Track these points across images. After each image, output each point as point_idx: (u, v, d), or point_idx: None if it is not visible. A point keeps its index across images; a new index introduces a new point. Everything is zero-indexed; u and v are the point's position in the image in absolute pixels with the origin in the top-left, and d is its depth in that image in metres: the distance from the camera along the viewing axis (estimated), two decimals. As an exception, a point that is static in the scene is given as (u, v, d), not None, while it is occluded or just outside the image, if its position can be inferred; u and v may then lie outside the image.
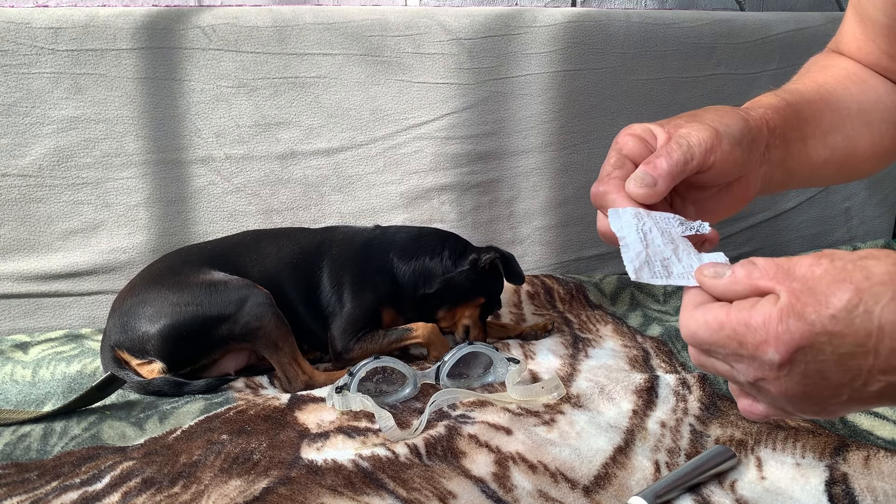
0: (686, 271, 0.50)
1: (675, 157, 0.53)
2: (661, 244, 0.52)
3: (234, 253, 1.24)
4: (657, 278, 0.50)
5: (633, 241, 0.52)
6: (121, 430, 0.95)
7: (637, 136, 0.57)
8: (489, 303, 1.29)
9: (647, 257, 0.51)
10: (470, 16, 1.55)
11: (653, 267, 0.51)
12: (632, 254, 0.51)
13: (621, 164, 0.56)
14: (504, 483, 0.76)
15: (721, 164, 0.55)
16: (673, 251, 0.51)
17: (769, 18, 1.76)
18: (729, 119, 0.57)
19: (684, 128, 0.55)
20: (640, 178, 0.53)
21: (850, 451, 0.79)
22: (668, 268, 0.51)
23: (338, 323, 1.22)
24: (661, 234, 0.52)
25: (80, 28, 1.38)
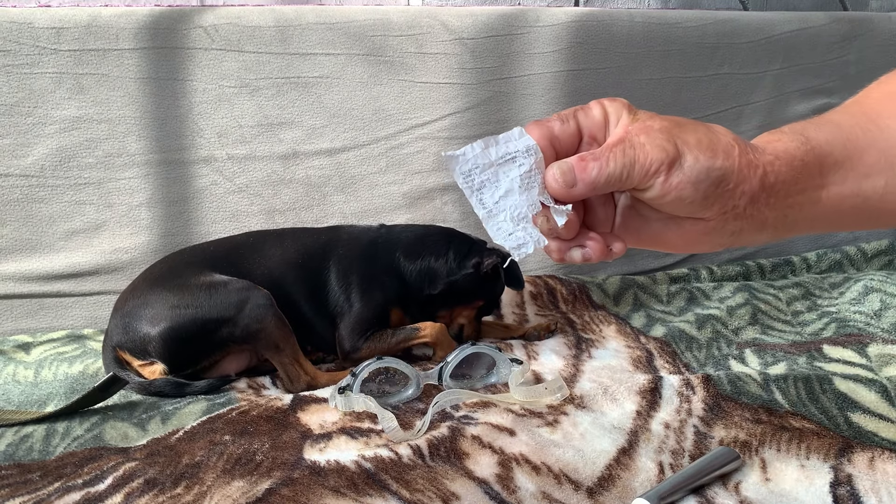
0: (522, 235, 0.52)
1: (608, 170, 0.49)
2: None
3: (237, 254, 1.24)
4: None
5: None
6: (123, 431, 0.95)
7: (603, 112, 0.52)
8: (487, 305, 1.29)
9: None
10: (473, 15, 1.54)
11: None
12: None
13: (566, 120, 0.53)
14: (507, 484, 0.75)
15: (664, 195, 0.49)
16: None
17: (773, 18, 1.76)
18: (709, 152, 0.49)
19: (650, 135, 0.49)
20: (563, 172, 0.50)
21: (855, 453, 0.79)
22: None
23: (346, 322, 1.22)
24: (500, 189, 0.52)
25: (83, 28, 1.38)
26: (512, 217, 0.52)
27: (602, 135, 0.52)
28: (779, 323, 1.33)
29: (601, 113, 0.52)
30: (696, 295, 1.49)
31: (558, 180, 0.50)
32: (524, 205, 0.51)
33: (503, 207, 0.52)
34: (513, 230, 0.52)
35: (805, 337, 1.24)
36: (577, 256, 0.53)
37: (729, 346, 1.20)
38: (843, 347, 1.12)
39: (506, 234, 0.52)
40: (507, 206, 0.52)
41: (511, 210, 0.51)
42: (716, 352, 1.18)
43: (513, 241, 0.52)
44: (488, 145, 0.51)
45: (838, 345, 1.14)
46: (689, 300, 1.46)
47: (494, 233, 0.52)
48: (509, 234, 0.52)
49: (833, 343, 1.15)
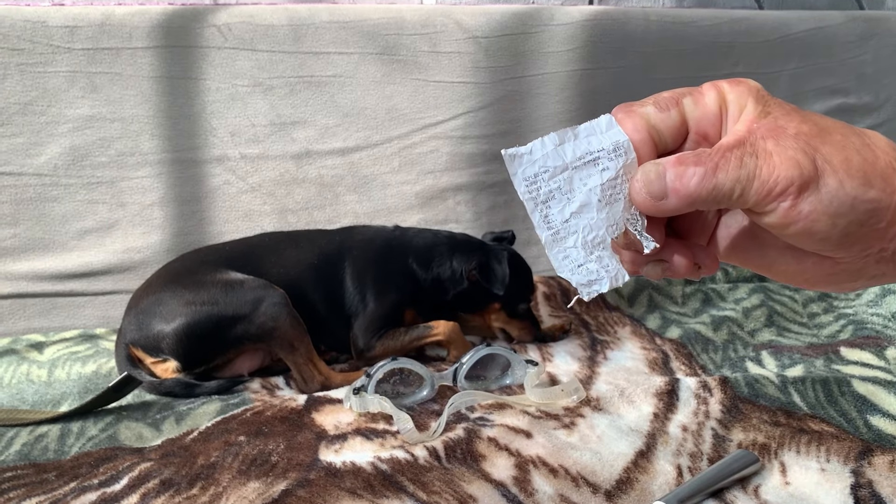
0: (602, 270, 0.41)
1: (714, 181, 0.36)
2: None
3: (253, 254, 1.24)
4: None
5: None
6: (138, 431, 0.94)
7: (719, 98, 0.39)
8: (506, 305, 1.28)
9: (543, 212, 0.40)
10: (486, 14, 1.54)
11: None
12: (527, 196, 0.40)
13: (666, 107, 0.40)
14: (525, 487, 0.75)
15: (787, 224, 0.37)
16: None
17: (788, 17, 1.75)
18: (860, 177, 0.36)
19: (781, 141, 0.36)
20: (650, 178, 0.38)
21: (875, 456, 0.78)
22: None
23: (360, 321, 1.22)
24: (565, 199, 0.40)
25: (96, 27, 1.38)
26: (584, 242, 0.40)
27: (716, 131, 0.40)
28: (795, 325, 1.32)
29: (716, 100, 0.39)
30: (712, 296, 1.48)
31: (642, 189, 0.38)
32: (602, 225, 0.40)
33: (575, 228, 0.40)
34: (584, 260, 0.41)
35: (822, 339, 1.23)
36: (656, 273, 0.42)
37: (745, 347, 1.19)
38: (860, 350, 1.11)
39: (574, 265, 0.41)
40: (580, 225, 0.40)
41: (585, 232, 0.40)
42: (732, 354, 1.17)
43: (582, 275, 0.41)
44: (563, 140, 0.39)
45: (856, 347, 1.13)
46: (704, 301, 1.46)
47: (559, 262, 0.41)
48: (579, 265, 0.41)
49: (850, 345, 1.14)
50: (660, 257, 0.42)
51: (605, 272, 0.41)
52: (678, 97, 0.40)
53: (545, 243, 0.40)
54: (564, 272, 0.41)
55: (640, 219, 0.39)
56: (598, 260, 0.41)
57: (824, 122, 0.37)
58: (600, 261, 0.41)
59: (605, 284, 0.41)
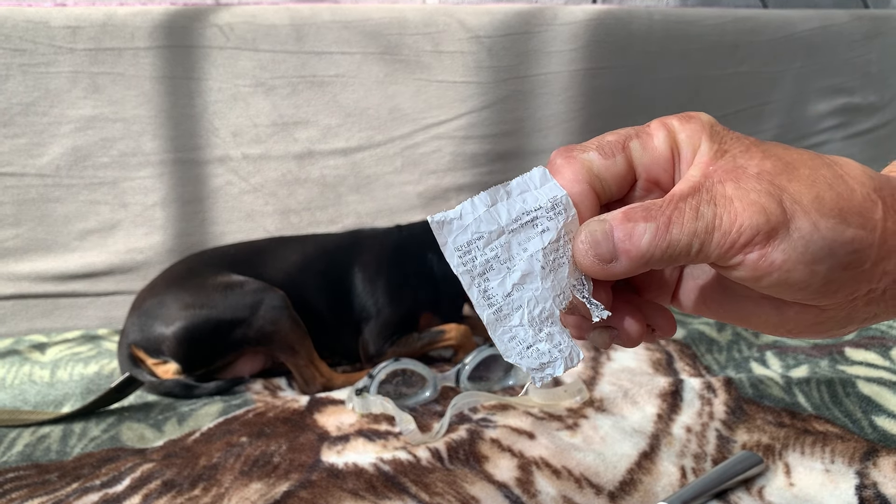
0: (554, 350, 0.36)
1: (668, 238, 0.32)
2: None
3: (258, 257, 1.24)
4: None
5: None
6: (140, 432, 0.94)
7: (669, 139, 0.35)
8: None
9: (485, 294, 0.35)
10: (489, 13, 1.54)
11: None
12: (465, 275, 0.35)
13: (610, 153, 0.35)
14: (528, 488, 0.75)
15: (759, 277, 0.33)
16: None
17: (793, 16, 1.74)
18: (836, 215, 0.31)
19: (741, 183, 0.32)
20: (597, 240, 0.33)
21: (881, 457, 0.78)
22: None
23: (371, 327, 1.21)
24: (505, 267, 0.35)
25: (98, 27, 1.38)
26: (531, 318, 0.35)
27: (668, 177, 0.36)
28: (799, 324, 1.31)
29: (667, 142, 0.35)
30: (715, 296, 1.47)
31: (588, 252, 0.33)
32: (549, 296, 0.35)
33: (519, 302, 0.35)
34: (533, 340, 0.35)
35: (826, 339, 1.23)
36: (604, 341, 0.38)
37: (749, 348, 1.19)
38: (865, 350, 1.11)
39: (522, 347, 0.35)
40: (524, 299, 0.35)
41: (530, 306, 0.35)
42: (736, 354, 1.16)
43: (532, 357, 0.35)
44: (496, 199, 0.34)
45: (861, 347, 1.12)
46: (707, 301, 1.45)
47: (506, 346, 0.35)
48: (527, 346, 0.35)
49: (855, 346, 1.13)
50: (607, 323, 0.37)
51: (559, 352, 0.36)
52: (625, 140, 0.35)
53: (487, 324, 0.35)
54: (512, 356, 0.35)
55: (585, 283, 0.35)
56: (549, 338, 0.35)
57: (789, 154, 0.34)
58: (551, 339, 0.35)
59: (559, 367, 0.36)
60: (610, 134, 0.36)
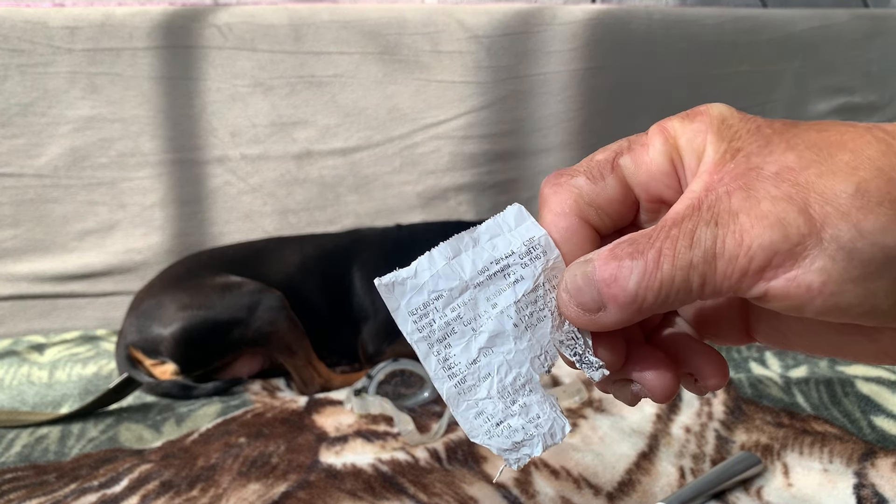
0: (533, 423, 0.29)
1: (658, 277, 0.25)
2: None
3: (257, 258, 1.23)
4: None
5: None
6: (138, 433, 0.94)
7: (668, 147, 0.28)
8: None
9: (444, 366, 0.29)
10: (488, 13, 1.53)
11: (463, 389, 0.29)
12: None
13: (598, 176, 0.29)
14: (526, 489, 0.74)
15: (793, 304, 0.25)
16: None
17: (793, 15, 1.74)
18: (876, 203, 0.23)
19: (752, 191, 0.24)
20: (578, 286, 0.27)
21: (878, 457, 0.78)
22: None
23: (370, 327, 1.21)
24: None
25: (96, 27, 1.38)
26: (502, 388, 0.29)
27: (673, 193, 0.29)
28: (799, 324, 1.31)
29: (664, 151, 0.28)
30: (714, 295, 1.47)
31: (570, 302, 0.27)
32: (525, 359, 0.29)
33: (487, 370, 0.29)
34: (504, 415, 0.29)
35: None
36: (626, 397, 0.30)
37: (749, 348, 1.19)
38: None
39: (490, 424, 0.29)
40: (493, 366, 0.29)
41: (501, 374, 0.29)
42: (735, 354, 1.16)
43: (504, 437, 0.29)
44: (459, 250, 0.29)
45: (860, 347, 1.12)
46: (706, 301, 1.45)
47: (471, 423, 0.29)
48: (497, 423, 0.29)
49: (855, 345, 1.13)
50: (624, 376, 0.30)
51: (535, 428, 0.29)
52: (614, 157, 0.29)
53: (447, 399, 0.28)
54: (479, 436, 0.29)
55: (579, 336, 0.29)
56: (524, 411, 0.29)
57: (826, 137, 0.25)
58: (526, 412, 0.29)
59: (536, 446, 0.29)
60: (600, 151, 0.30)
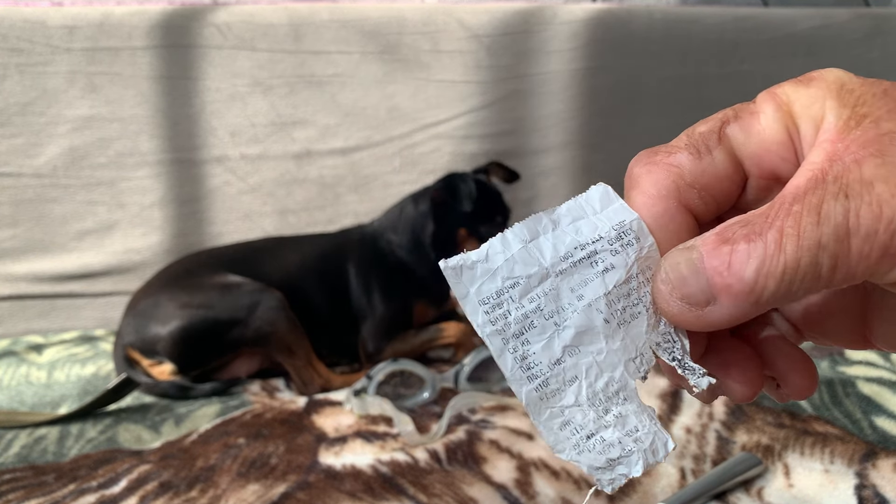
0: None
1: (784, 261, 0.21)
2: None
3: (255, 258, 1.23)
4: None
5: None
6: (136, 434, 0.94)
7: (783, 115, 0.24)
8: (473, 229, 1.23)
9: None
10: (489, 12, 1.53)
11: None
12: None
13: (703, 150, 0.25)
14: (526, 490, 0.74)
15: None
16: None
17: (794, 14, 1.74)
18: None
19: (886, 154, 0.21)
20: (682, 276, 0.23)
21: (880, 458, 0.78)
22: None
23: (369, 325, 1.21)
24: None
25: (95, 26, 1.38)
26: (593, 394, 0.24)
27: (789, 166, 0.24)
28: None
29: (778, 119, 0.25)
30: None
31: (670, 295, 0.23)
32: (619, 361, 0.25)
33: (573, 372, 0.24)
34: (595, 427, 0.24)
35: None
36: (702, 396, 0.26)
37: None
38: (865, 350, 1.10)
39: (579, 437, 0.24)
40: (581, 367, 0.24)
41: (591, 377, 0.24)
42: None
43: (594, 453, 0.24)
44: (537, 232, 0.25)
45: (861, 347, 1.12)
46: (707, 301, 1.45)
47: (556, 435, 0.24)
48: (588, 436, 0.24)
49: (856, 345, 1.13)
50: (707, 372, 0.26)
51: (634, 442, 0.24)
52: (720, 127, 0.25)
53: (527, 405, 0.24)
54: (566, 450, 0.24)
55: (676, 338, 0.25)
56: (620, 422, 0.25)
57: None
58: (622, 423, 0.25)
59: (636, 465, 0.25)
60: (701, 123, 0.26)
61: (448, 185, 1.20)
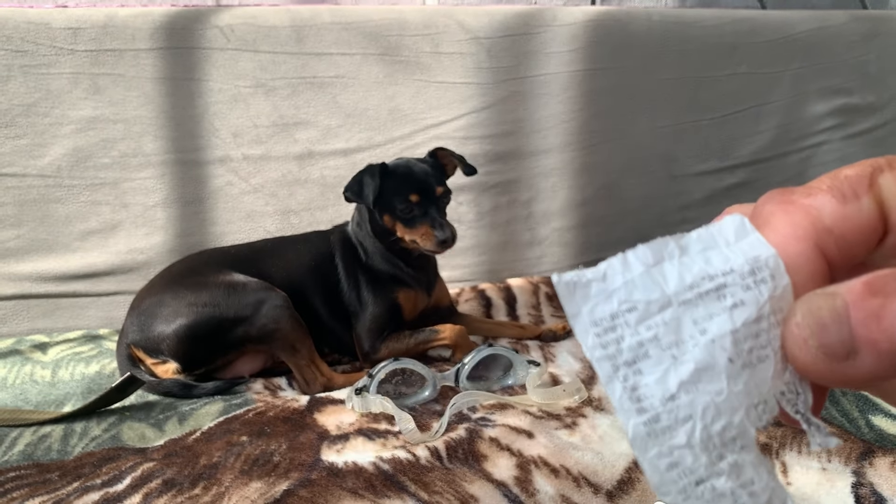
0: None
1: None
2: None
3: (257, 257, 1.24)
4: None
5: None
6: (140, 432, 0.95)
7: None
8: (393, 214, 1.21)
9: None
10: (489, 14, 1.54)
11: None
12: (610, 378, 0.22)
13: (851, 197, 0.23)
14: (526, 487, 0.75)
15: None
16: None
17: (791, 17, 1.74)
18: None
19: None
20: (823, 322, 0.21)
21: (877, 457, 0.78)
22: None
23: (361, 322, 1.22)
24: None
25: (99, 28, 1.38)
26: (707, 437, 0.22)
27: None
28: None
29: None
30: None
31: (807, 341, 0.21)
32: (741, 405, 0.22)
33: (688, 410, 0.22)
34: (706, 473, 0.22)
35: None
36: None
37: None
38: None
39: (686, 481, 0.22)
40: (697, 406, 0.22)
41: (708, 418, 0.22)
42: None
43: (704, 501, 0.22)
44: (662, 257, 0.23)
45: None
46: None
47: (661, 476, 0.22)
48: (696, 481, 0.22)
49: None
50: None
51: (749, 497, 0.22)
52: (872, 174, 0.23)
53: (633, 439, 0.22)
54: (671, 494, 0.22)
55: (801, 390, 0.23)
56: (735, 471, 0.22)
57: None
58: (737, 474, 0.22)
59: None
60: (849, 168, 0.24)
61: (352, 184, 1.20)
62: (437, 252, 1.20)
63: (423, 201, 1.19)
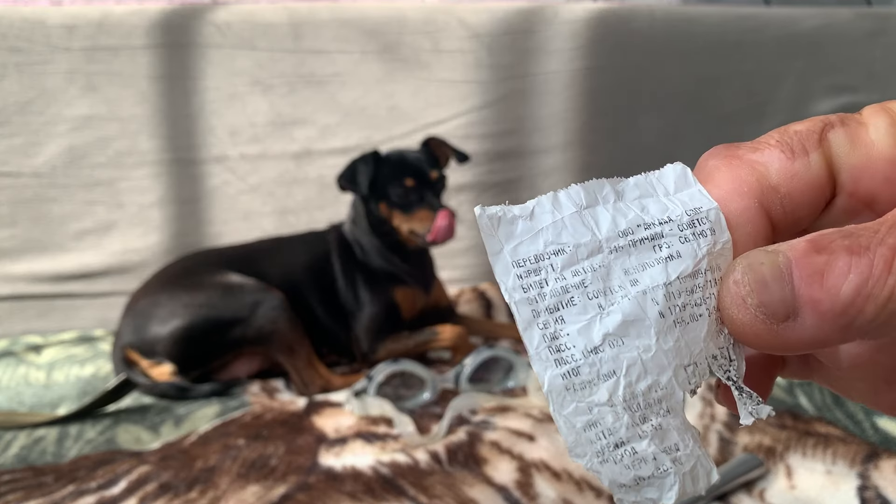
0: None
1: (892, 285, 0.17)
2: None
3: (253, 258, 1.23)
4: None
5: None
6: (136, 434, 0.94)
7: (882, 135, 0.21)
8: (388, 202, 1.20)
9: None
10: (489, 11, 1.53)
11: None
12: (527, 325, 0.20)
13: (799, 152, 0.21)
14: (527, 491, 0.74)
15: None
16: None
17: (796, 14, 1.73)
18: None
19: None
20: (763, 280, 0.19)
21: (882, 459, 0.77)
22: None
23: (359, 322, 1.21)
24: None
25: (95, 26, 1.37)
26: (630, 395, 0.20)
27: (891, 188, 0.22)
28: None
29: (891, 134, 0.21)
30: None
31: (745, 299, 0.20)
32: (670, 365, 0.21)
33: (612, 365, 0.20)
34: (627, 434, 0.20)
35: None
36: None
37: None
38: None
39: (605, 442, 0.20)
40: (622, 361, 0.20)
41: (632, 375, 0.20)
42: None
43: (620, 466, 0.20)
44: (595, 200, 0.21)
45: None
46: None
47: (576, 435, 0.20)
48: (615, 444, 0.20)
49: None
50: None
51: (672, 464, 0.21)
52: (822, 130, 0.22)
53: (549, 391, 0.20)
54: (586, 456, 0.21)
55: (733, 355, 0.22)
56: (658, 435, 0.21)
57: None
58: (661, 437, 0.21)
59: (669, 490, 0.21)
60: (799, 123, 0.23)
61: (346, 172, 1.19)
62: (437, 241, 1.17)
63: (418, 186, 1.18)
